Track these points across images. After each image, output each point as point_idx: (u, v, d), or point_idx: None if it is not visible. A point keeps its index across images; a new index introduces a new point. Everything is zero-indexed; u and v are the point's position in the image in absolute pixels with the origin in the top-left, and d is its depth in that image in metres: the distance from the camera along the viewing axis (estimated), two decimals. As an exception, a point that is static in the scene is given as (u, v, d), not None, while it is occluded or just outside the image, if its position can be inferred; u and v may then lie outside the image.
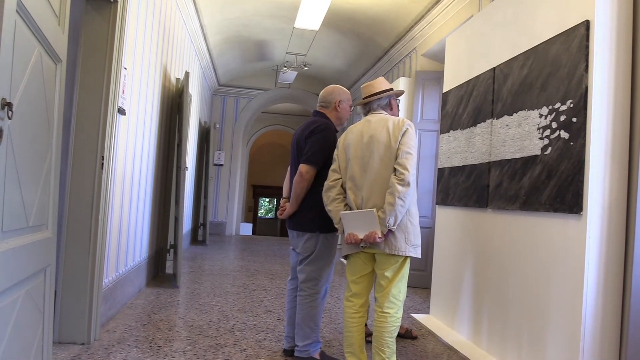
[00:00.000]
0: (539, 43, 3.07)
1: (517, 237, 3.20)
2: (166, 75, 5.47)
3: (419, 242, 2.73)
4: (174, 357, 3.08)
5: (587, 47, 2.64)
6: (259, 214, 21.73)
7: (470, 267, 3.78)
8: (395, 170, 2.63)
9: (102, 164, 3.26)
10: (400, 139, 2.66)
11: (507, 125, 3.34)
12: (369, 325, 3.72)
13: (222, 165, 11.14)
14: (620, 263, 2.60)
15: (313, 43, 8.31)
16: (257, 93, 11.37)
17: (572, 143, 2.70)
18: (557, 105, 2.83)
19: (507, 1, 3.52)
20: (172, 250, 5.96)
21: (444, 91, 4.51)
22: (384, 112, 2.89)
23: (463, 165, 3.96)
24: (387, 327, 2.67)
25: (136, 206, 4.50)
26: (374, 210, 2.64)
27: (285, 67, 9.36)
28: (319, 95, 3.28)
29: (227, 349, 3.31)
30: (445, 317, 4.20)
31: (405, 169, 2.59)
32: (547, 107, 2.93)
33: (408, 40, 6.96)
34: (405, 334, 3.81)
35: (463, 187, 3.93)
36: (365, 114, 2.93)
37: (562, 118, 2.78)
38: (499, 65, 3.52)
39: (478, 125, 3.76)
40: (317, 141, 3.02)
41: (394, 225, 2.61)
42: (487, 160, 3.57)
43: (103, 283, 3.50)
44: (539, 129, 2.99)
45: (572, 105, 2.72)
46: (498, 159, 3.42)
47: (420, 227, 2.81)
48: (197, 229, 9.66)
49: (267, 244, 10.26)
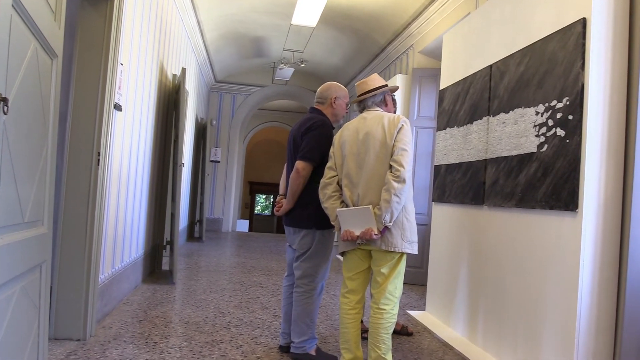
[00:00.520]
0: (535, 40, 3.07)
1: (513, 235, 3.20)
2: (163, 71, 5.46)
3: (415, 238, 2.74)
4: (169, 354, 3.08)
5: (583, 44, 2.65)
6: (256, 211, 21.72)
7: (466, 264, 3.79)
8: (391, 167, 2.64)
9: (98, 159, 3.25)
10: (396, 136, 2.67)
11: (503, 123, 3.35)
12: (365, 322, 3.72)
13: (218, 161, 11.12)
14: (616, 260, 2.61)
15: (310, 40, 8.30)
16: (254, 89, 11.35)
17: (568, 140, 2.70)
18: (554, 102, 2.84)
19: (504, -2, 3.52)
20: (168, 247, 5.96)
21: (441, 88, 4.52)
22: (379, 108, 2.90)
23: (459, 163, 3.97)
24: (383, 323, 2.68)
25: (132, 202, 4.49)
26: (370, 207, 2.64)
27: (282, 63, 9.35)
28: (316, 92, 3.28)
29: (223, 345, 3.32)
30: (441, 313, 4.21)
31: (401, 165, 2.60)
32: (544, 104, 2.93)
33: (405, 37, 6.96)
34: (401, 330, 3.83)
35: (459, 184, 3.94)
36: (361, 111, 2.94)
37: (559, 115, 2.79)
38: (495, 63, 3.52)
39: (474, 122, 3.76)
40: (313, 138, 3.02)
41: (390, 222, 2.61)
42: (484, 158, 3.58)
43: (99, 279, 3.49)
44: (535, 126, 3.00)
45: (568, 102, 2.72)
46: (494, 157, 3.43)
47: (416, 224, 2.81)
48: (193, 225, 9.65)
49: (263, 240, 10.26)
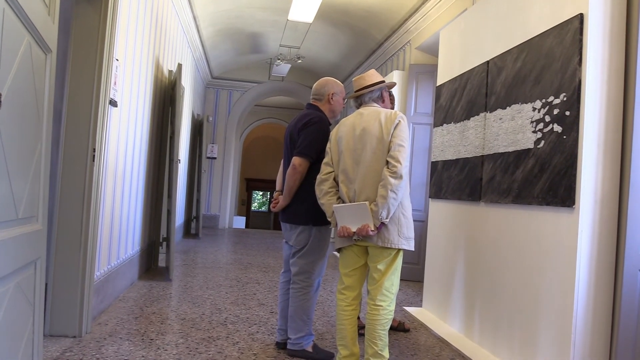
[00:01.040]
0: (532, 36, 3.06)
1: (509, 231, 3.20)
2: (158, 67, 5.43)
3: (412, 234, 2.73)
4: (166, 350, 3.07)
5: (580, 40, 2.64)
6: (253, 208, 21.71)
7: (463, 260, 3.79)
8: (387, 162, 2.63)
9: (94, 155, 3.23)
10: (393, 132, 2.66)
11: (500, 119, 3.34)
12: (362, 318, 3.72)
13: (215, 158, 11.10)
14: (612, 256, 2.61)
15: (307, 35, 8.28)
16: (251, 86, 11.32)
17: (565, 137, 2.70)
18: (551, 98, 2.83)
19: (502, -6, 3.51)
20: (164, 243, 5.94)
21: (438, 84, 4.51)
22: (376, 104, 2.88)
23: (456, 159, 3.96)
24: (379, 319, 2.67)
25: (128, 198, 4.47)
26: (367, 203, 2.63)
27: (279, 59, 9.32)
28: (312, 88, 3.26)
29: (220, 341, 3.31)
30: (437, 310, 4.21)
31: (398, 161, 2.59)
32: (541, 100, 2.93)
33: (402, 33, 6.95)
34: (398, 326, 3.82)
35: (456, 180, 3.93)
36: (357, 107, 2.92)
37: (556, 111, 2.78)
38: (492, 59, 3.52)
39: (471, 118, 3.76)
40: (310, 134, 3.01)
41: (386, 218, 2.61)
42: (481, 154, 3.57)
43: (95, 276, 3.48)
44: (532, 122, 2.99)
45: (565, 98, 2.72)
46: (491, 153, 3.42)
47: (413, 220, 2.80)
48: (190, 222, 9.63)
49: (260, 237, 10.25)
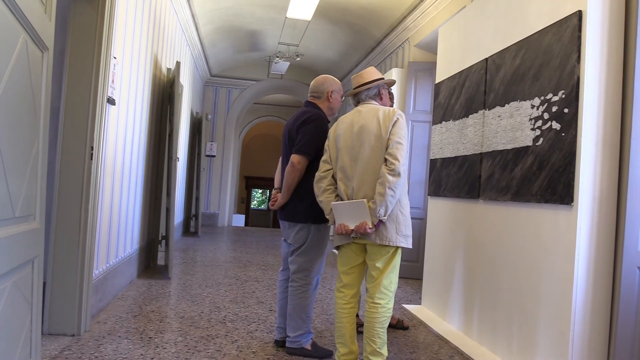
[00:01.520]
0: (531, 33, 3.06)
1: (508, 228, 3.20)
2: (157, 65, 5.42)
3: (410, 232, 2.72)
4: (164, 348, 3.07)
5: (579, 37, 2.63)
6: (252, 206, 21.71)
7: (462, 258, 3.79)
8: (385, 160, 2.62)
9: (92, 154, 3.22)
10: (391, 129, 2.65)
11: (499, 116, 3.34)
12: (361, 316, 3.72)
13: (214, 156, 11.09)
14: (611, 254, 2.61)
15: (305, 33, 8.26)
16: (250, 84, 11.31)
17: (563, 134, 2.69)
18: (549, 96, 2.83)
19: (500, -9, 3.50)
20: (163, 242, 5.94)
21: (437, 82, 4.50)
22: (374, 102, 2.88)
23: (455, 156, 3.96)
24: (378, 317, 2.67)
25: (127, 197, 4.47)
26: (365, 200, 2.63)
27: (278, 57, 9.30)
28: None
29: (219, 340, 3.31)
30: (436, 307, 4.21)
31: (396, 159, 2.58)
32: (539, 97, 2.92)
33: (401, 31, 6.93)
34: (397, 324, 3.82)
35: (455, 178, 3.93)
36: (356, 105, 2.92)
37: (554, 109, 2.78)
38: (491, 56, 3.51)
39: (470, 116, 3.75)
40: (308, 131, 3.00)
41: (384, 216, 2.60)
42: (479, 151, 3.57)
43: (93, 274, 3.48)
44: (530, 119, 2.99)
45: (563, 96, 2.71)
46: (490, 150, 3.42)
47: (412, 218, 2.81)
48: (189, 220, 9.63)
49: (259, 235, 10.25)
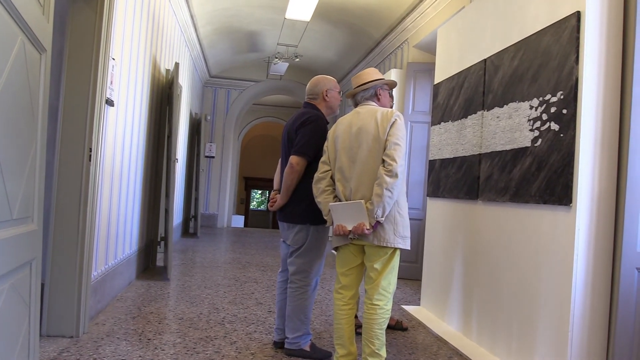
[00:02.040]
0: (530, 34, 3.06)
1: (507, 229, 3.20)
2: (156, 66, 5.42)
3: (407, 233, 2.72)
4: (163, 350, 3.07)
5: (577, 38, 2.63)
6: (251, 206, 21.70)
7: (461, 259, 3.79)
8: (383, 161, 2.62)
9: (90, 155, 3.22)
10: (389, 130, 2.64)
11: (497, 117, 3.34)
12: (360, 317, 3.72)
13: (213, 157, 11.09)
14: (609, 255, 2.61)
15: (304, 34, 8.26)
16: (249, 84, 11.31)
17: (562, 135, 2.69)
18: (548, 96, 2.83)
19: (499, -8, 3.50)
20: (162, 243, 5.93)
21: (435, 83, 4.50)
22: (372, 103, 2.87)
23: (454, 157, 3.96)
24: (376, 319, 2.67)
25: (125, 198, 4.47)
26: (362, 201, 2.63)
27: (277, 58, 9.30)
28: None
29: (217, 341, 3.30)
30: (435, 308, 4.21)
31: (394, 160, 2.58)
32: (538, 98, 2.92)
33: (400, 32, 6.94)
34: (396, 325, 3.82)
35: (454, 179, 3.93)
36: (355, 106, 2.92)
37: (553, 110, 2.78)
38: (490, 57, 3.51)
39: (469, 117, 3.75)
40: (307, 132, 3.00)
41: (382, 217, 2.60)
42: (478, 152, 3.57)
43: (92, 275, 3.47)
44: (529, 120, 2.99)
45: (562, 96, 2.71)
46: (488, 151, 3.42)
47: (411, 218, 2.80)
48: (188, 221, 9.62)
49: (258, 236, 10.25)
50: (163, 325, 3.57)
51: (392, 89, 3.10)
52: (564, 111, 2.69)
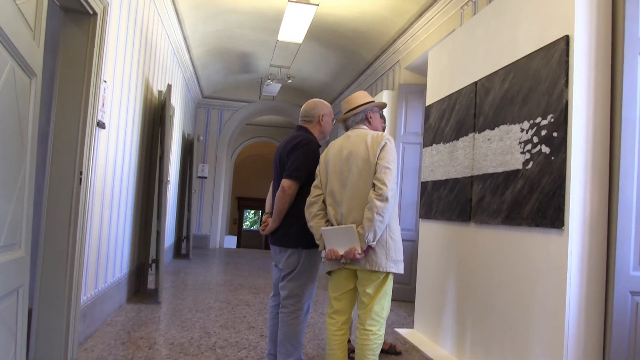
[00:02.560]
0: (520, 57, 3.09)
1: (499, 252, 3.19)
2: (148, 87, 5.42)
3: (400, 257, 2.69)
4: (153, 377, 3.01)
5: (567, 62, 2.66)
6: (244, 226, 21.61)
7: (454, 281, 3.76)
8: (374, 185, 2.60)
9: (81, 178, 3.19)
10: (379, 154, 2.63)
11: (489, 140, 3.35)
12: (352, 342, 3.67)
13: (205, 177, 11.06)
14: (602, 278, 2.60)
15: (297, 55, 8.32)
16: (242, 105, 11.34)
17: (553, 158, 2.70)
18: (538, 119, 2.85)
19: (489, 16, 3.54)
20: (154, 265, 5.87)
21: (427, 104, 4.52)
22: (363, 126, 2.86)
23: (446, 179, 3.96)
24: (369, 344, 2.63)
25: (116, 221, 4.42)
26: (354, 226, 2.60)
27: (269, 79, 9.35)
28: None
29: (208, 367, 3.25)
30: (429, 331, 4.17)
31: (384, 184, 2.56)
32: (528, 121, 2.94)
33: (391, 54, 7.00)
34: (389, 349, 3.78)
35: (446, 201, 3.92)
36: (346, 130, 2.92)
37: (543, 132, 2.79)
38: (480, 79, 3.54)
39: (460, 139, 3.76)
40: (299, 156, 2.99)
41: (373, 241, 2.57)
42: (470, 174, 3.57)
43: (81, 300, 3.42)
44: (520, 143, 3.00)
45: (552, 119, 2.73)
46: (480, 173, 3.42)
47: (404, 240, 2.78)
48: (180, 242, 9.54)
49: (251, 257, 10.17)
50: (153, 351, 3.51)
51: (382, 110, 3.10)
52: (555, 134, 2.70)
